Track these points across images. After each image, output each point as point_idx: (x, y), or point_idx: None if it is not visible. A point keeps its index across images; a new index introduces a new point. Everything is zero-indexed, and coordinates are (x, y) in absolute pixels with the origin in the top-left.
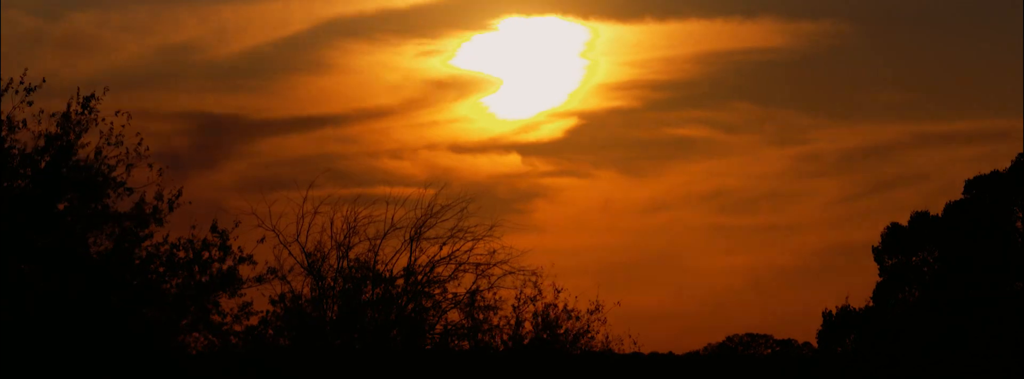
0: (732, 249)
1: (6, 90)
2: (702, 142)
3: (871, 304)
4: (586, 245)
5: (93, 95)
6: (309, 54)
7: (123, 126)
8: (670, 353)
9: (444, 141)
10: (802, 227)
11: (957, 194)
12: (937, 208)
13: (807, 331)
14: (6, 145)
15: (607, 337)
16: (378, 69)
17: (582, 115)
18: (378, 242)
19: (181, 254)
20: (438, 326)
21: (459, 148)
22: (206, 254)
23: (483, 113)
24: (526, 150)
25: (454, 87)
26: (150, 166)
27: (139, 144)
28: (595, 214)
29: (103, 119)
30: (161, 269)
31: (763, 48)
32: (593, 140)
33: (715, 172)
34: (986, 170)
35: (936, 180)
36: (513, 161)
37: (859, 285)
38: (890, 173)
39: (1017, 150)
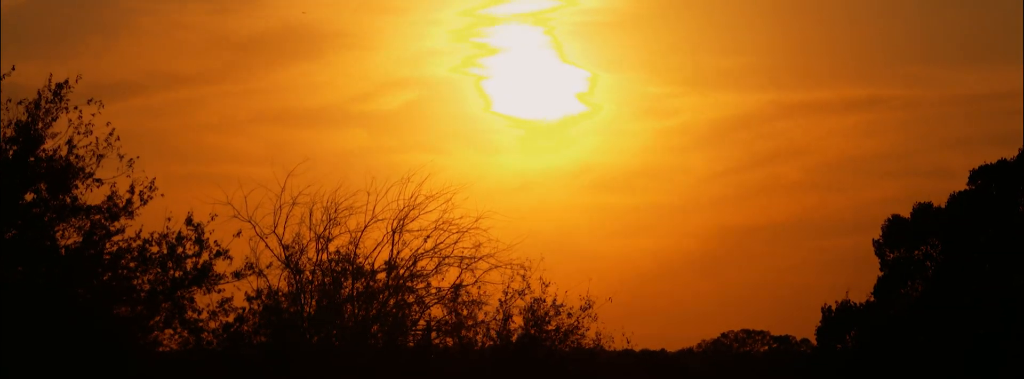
0: (623, 232)
1: None
2: None
3: (872, 299)
4: None
5: (65, 82)
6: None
7: (94, 115)
8: (663, 350)
9: (273, 112)
10: (687, 207)
11: (843, 168)
12: (823, 182)
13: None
14: None
15: (598, 334)
16: (173, 30)
17: (422, 84)
18: (359, 234)
19: (154, 248)
20: (421, 322)
21: (294, 120)
22: (180, 248)
23: (310, 80)
24: (369, 123)
25: (269, 50)
26: (121, 156)
27: (110, 134)
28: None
29: (75, 107)
30: (133, 264)
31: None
32: (438, 114)
33: (577, 146)
34: (869, 145)
35: (816, 153)
36: (357, 135)
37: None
38: (765, 147)
39: (903, 119)
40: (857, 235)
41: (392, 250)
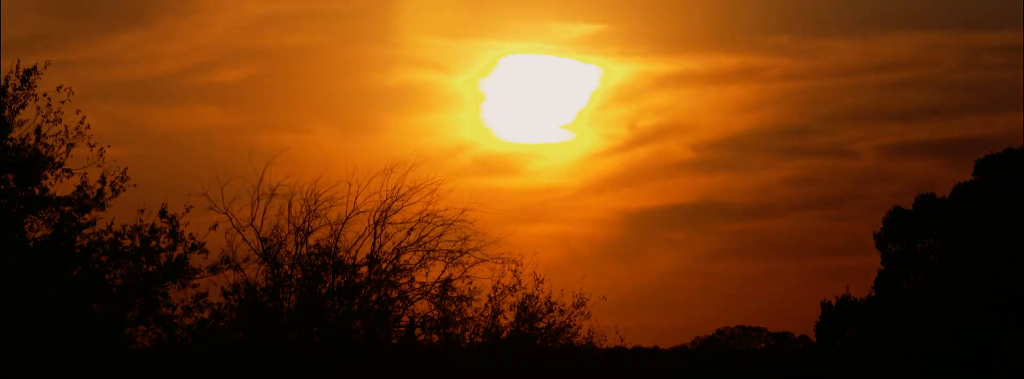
0: (520, 217)
1: None
2: (422, 88)
3: (873, 294)
4: None
5: (34, 68)
6: None
7: (63, 102)
8: (656, 347)
9: (101, 86)
10: (581, 190)
11: (733, 145)
12: (717, 161)
13: (805, 324)
14: None
15: (591, 331)
16: None
17: (262, 53)
18: (340, 227)
19: (126, 242)
20: (405, 318)
21: (127, 95)
22: (154, 242)
23: (139, 52)
24: (217, 99)
25: (87, 16)
26: (91, 145)
27: (81, 122)
28: (340, 176)
29: (44, 94)
30: (104, 258)
31: None
32: (283, 86)
33: (445, 123)
34: (756, 120)
35: (703, 130)
36: (209, 113)
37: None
38: (648, 123)
39: (785, 92)
40: (769, 218)
41: (374, 243)
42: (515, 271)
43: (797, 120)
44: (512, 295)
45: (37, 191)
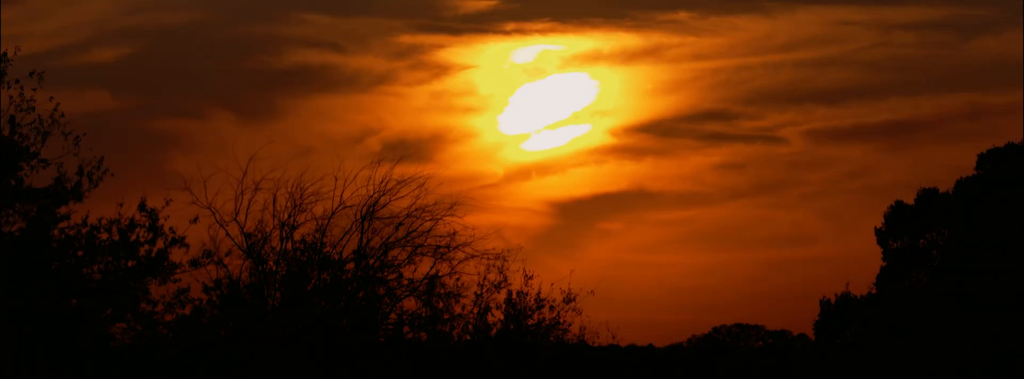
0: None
1: None
2: (318, 69)
3: (874, 291)
4: None
5: (5, 54)
6: None
7: (35, 89)
8: (650, 345)
9: None
10: (504, 178)
11: (652, 129)
12: (639, 146)
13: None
14: None
15: (582, 329)
16: None
17: (142, 32)
18: (326, 222)
19: (104, 236)
20: (393, 315)
21: None
22: (133, 235)
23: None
24: (102, 82)
25: None
26: (66, 134)
27: (55, 109)
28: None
29: (16, 81)
30: (82, 252)
31: None
32: (170, 68)
33: (347, 107)
34: (668, 104)
35: (619, 113)
36: (94, 96)
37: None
38: (553, 104)
39: (690, 72)
40: (705, 206)
41: (361, 239)
42: (500, 268)
43: (717, 103)
44: (499, 292)
45: (12, 182)
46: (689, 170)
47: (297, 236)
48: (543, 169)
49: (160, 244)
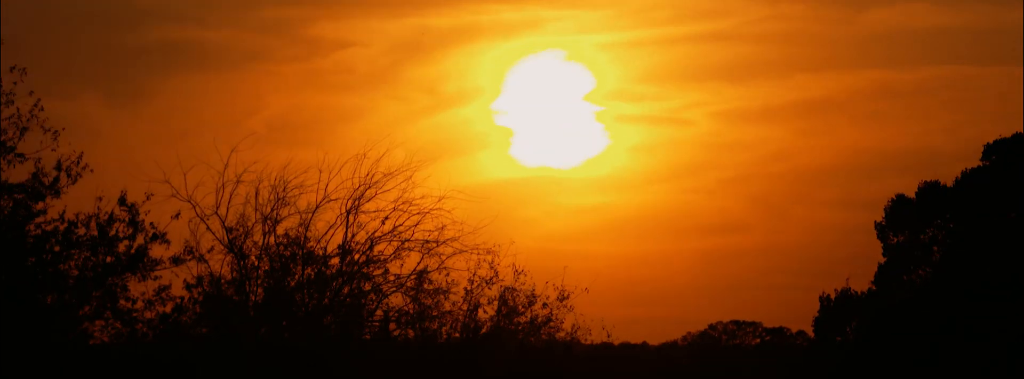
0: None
1: None
2: (182, 45)
3: (874, 287)
4: None
5: None
6: None
7: (15, 83)
8: (644, 343)
9: None
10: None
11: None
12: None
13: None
14: None
15: (574, 326)
16: None
17: None
18: (310, 216)
19: (82, 230)
20: (379, 313)
21: None
22: (112, 230)
23: None
24: None
25: None
26: (45, 129)
27: (35, 104)
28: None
29: None
30: (58, 248)
31: None
32: (28, 45)
33: (222, 85)
34: (566, 81)
35: (514, 94)
36: None
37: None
38: (448, 88)
39: (593, 45)
40: (622, 192)
41: (346, 233)
42: (491, 262)
43: (611, 81)
44: (490, 288)
45: None
46: (598, 153)
47: (280, 230)
48: (437, 153)
49: (140, 240)
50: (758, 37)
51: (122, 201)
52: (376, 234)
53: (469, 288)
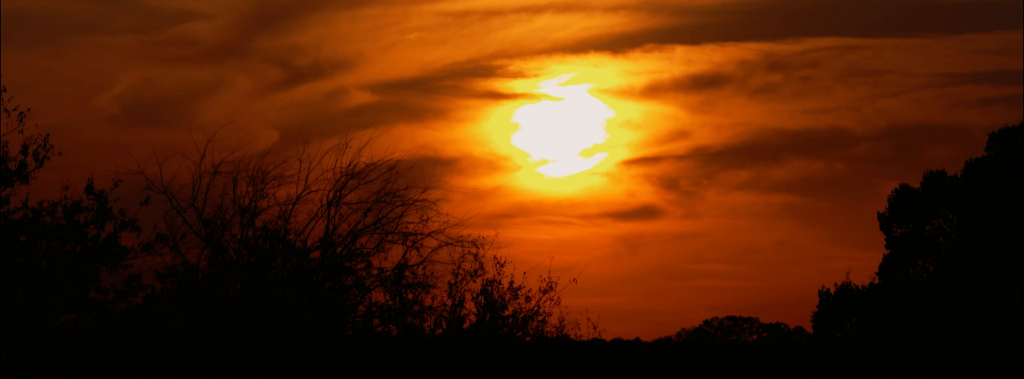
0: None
1: None
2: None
3: (876, 281)
4: None
5: None
6: None
7: None
8: (637, 339)
9: None
10: (277, 143)
11: (412, 86)
12: None
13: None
14: None
15: (562, 320)
16: None
17: None
18: (289, 207)
19: (49, 219)
20: (361, 307)
21: None
22: (81, 218)
23: None
24: None
25: None
26: (8, 111)
27: None
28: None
29: None
30: (25, 237)
31: None
32: None
33: (58, 61)
34: (428, 57)
35: (375, 69)
36: None
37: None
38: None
39: (434, 13)
40: (505, 172)
41: (328, 225)
42: (476, 255)
43: (464, 54)
44: (474, 281)
45: None
46: (478, 134)
47: (259, 223)
48: (300, 131)
49: (109, 228)
50: (626, 6)
51: (89, 189)
52: (358, 226)
53: (453, 282)
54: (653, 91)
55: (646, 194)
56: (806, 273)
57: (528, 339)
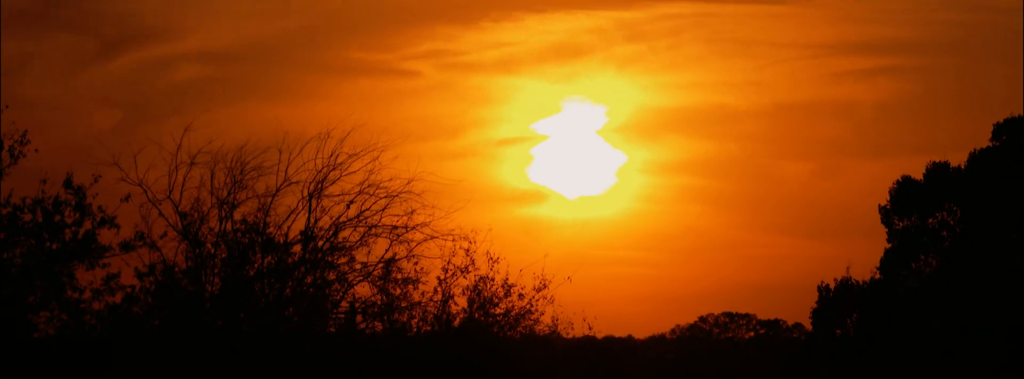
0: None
1: None
2: None
3: (877, 276)
4: None
5: None
6: None
7: None
8: (630, 337)
9: None
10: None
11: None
12: None
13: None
14: None
15: (555, 319)
16: None
17: None
18: (269, 200)
19: (27, 216)
20: (344, 303)
21: None
22: (59, 216)
23: None
24: None
25: None
26: None
27: None
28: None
29: None
30: (2, 234)
31: None
32: None
33: None
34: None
35: (204, 38)
36: None
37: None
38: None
39: None
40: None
41: (309, 218)
42: (467, 250)
43: (310, 24)
44: (465, 277)
45: None
46: (325, 113)
47: (237, 215)
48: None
49: (88, 225)
50: None
51: (68, 184)
52: (341, 219)
53: (442, 277)
54: (512, 64)
55: (535, 176)
56: (723, 260)
57: (519, 337)
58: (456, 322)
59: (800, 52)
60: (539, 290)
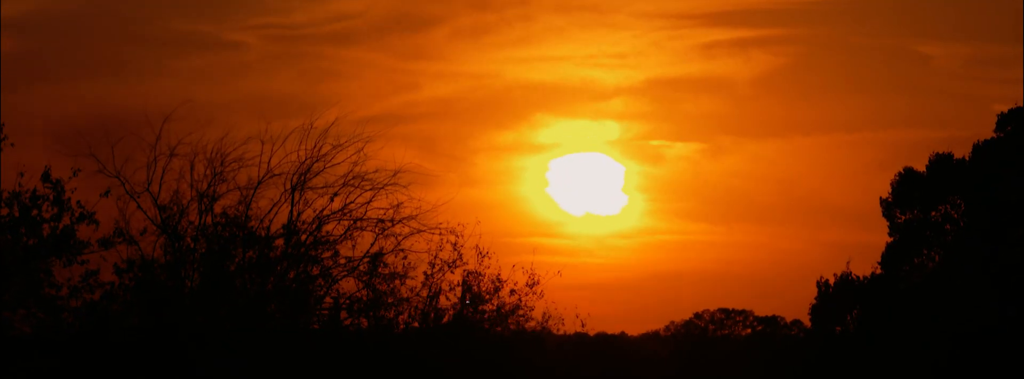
0: None
1: None
2: None
3: (878, 271)
4: None
5: None
6: None
7: None
8: (623, 333)
9: None
10: None
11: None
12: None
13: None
14: None
15: (546, 315)
16: None
17: None
18: (251, 192)
19: (4, 211)
20: (328, 299)
21: None
22: (36, 211)
23: None
24: None
25: None
26: None
27: None
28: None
29: None
30: None
31: None
32: None
33: None
34: None
35: None
36: None
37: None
38: None
39: None
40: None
41: (292, 211)
42: (455, 244)
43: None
44: (452, 272)
45: None
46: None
47: (218, 209)
48: None
49: (66, 220)
50: None
51: (46, 177)
52: (325, 212)
53: (429, 272)
54: (353, 37)
55: (407, 159)
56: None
57: (508, 334)
58: (445, 318)
59: (661, 23)
60: (530, 285)
